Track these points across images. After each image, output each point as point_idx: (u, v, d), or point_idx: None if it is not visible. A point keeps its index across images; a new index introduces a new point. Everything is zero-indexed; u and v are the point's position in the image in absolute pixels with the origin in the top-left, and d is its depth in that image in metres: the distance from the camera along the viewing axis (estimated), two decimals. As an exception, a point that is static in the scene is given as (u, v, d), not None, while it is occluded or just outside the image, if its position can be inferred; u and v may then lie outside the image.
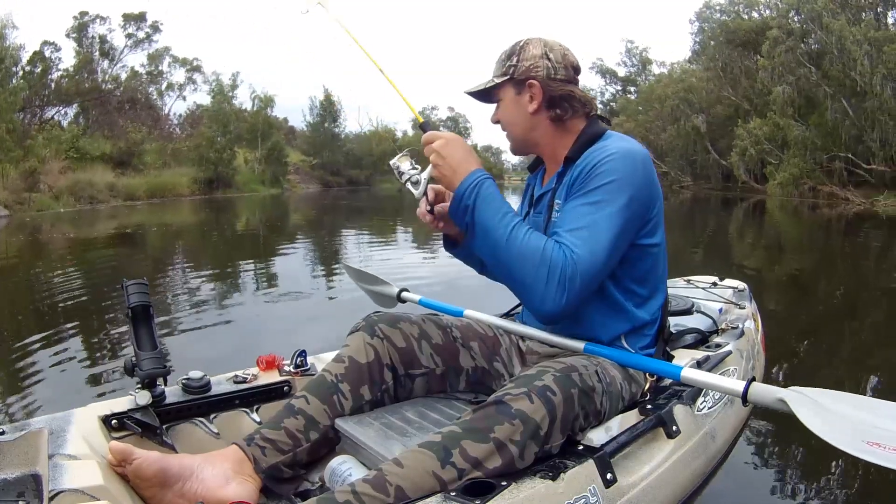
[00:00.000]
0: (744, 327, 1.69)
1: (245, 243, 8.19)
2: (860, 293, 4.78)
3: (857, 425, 0.81)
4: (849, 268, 6.29)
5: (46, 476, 0.80)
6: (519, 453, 0.90)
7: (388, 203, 19.33)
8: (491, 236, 1.05)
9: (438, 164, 1.11)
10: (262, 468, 1.08)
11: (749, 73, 23.98)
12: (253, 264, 6.14)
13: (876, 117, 17.12)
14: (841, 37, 17.50)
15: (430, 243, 7.56)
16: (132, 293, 1.20)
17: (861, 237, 9.65)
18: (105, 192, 15.36)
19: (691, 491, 1.17)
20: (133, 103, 22.78)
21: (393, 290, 1.75)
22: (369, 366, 1.19)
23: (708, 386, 1.04)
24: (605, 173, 1.05)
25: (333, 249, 7.64)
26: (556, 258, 0.99)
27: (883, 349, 2.99)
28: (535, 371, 0.99)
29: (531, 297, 1.02)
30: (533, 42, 1.18)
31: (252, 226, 11.33)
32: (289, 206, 17.42)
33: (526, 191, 1.36)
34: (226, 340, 3.15)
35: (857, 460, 0.77)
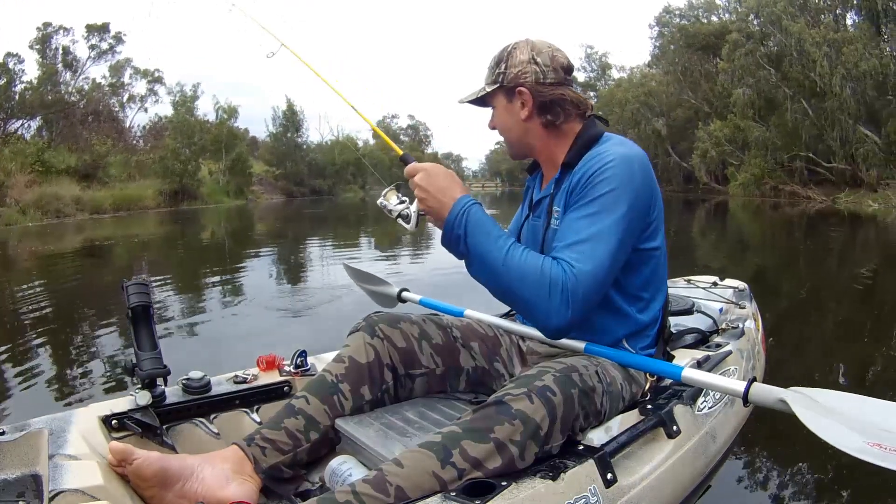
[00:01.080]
0: (744, 327, 1.69)
1: (230, 252, 8.11)
2: (829, 289, 4.80)
3: (857, 426, 0.81)
4: (819, 264, 6.35)
5: (46, 476, 0.80)
6: (519, 453, 0.89)
7: (351, 211, 19.61)
8: (487, 262, 1.03)
9: (423, 197, 1.09)
10: (263, 468, 1.08)
11: (709, 76, 24.35)
12: (240, 270, 6.14)
13: (836, 117, 17.38)
14: (800, 39, 17.82)
15: (396, 248, 7.60)
16: (132, 293, 1.20)
17: (834, 233, 9.79)
18: (71, 205, 15.04)
19: (691, 491, 1.17)
20: (96, 115, 22.51)
21: (393, 291, 1.75)
22: (369, 366, 1.19)
23: (709, 386, 1.04)
24: (602, 183, 1.04)
25: (327, 254, 7.65)
26: (555, 274, 0.98)
27: (883, 348, 2.99)
28: (536, 371, 0.99)
29: (535, 315, 1.01)
30: (520, 46, 1.16)
31: (232, 236, 11.18)
32: (256, 216, 17.20)
33: (526, 193, 1.35)
34: (226, 340, 3.15)
35: (857, 460, 0.77)
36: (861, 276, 5.43)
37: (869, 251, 7.71)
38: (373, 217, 14.88)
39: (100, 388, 2.41)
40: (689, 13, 26.29)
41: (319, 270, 5.97)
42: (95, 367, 2.73)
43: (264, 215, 17.66)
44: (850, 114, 17.04)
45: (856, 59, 16.43)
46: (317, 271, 5.99)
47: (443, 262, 5.24)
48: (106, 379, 2.53)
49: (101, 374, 2.60)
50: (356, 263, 5.23)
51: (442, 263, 5.33)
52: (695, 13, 26.18)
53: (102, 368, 2.70)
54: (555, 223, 1.16)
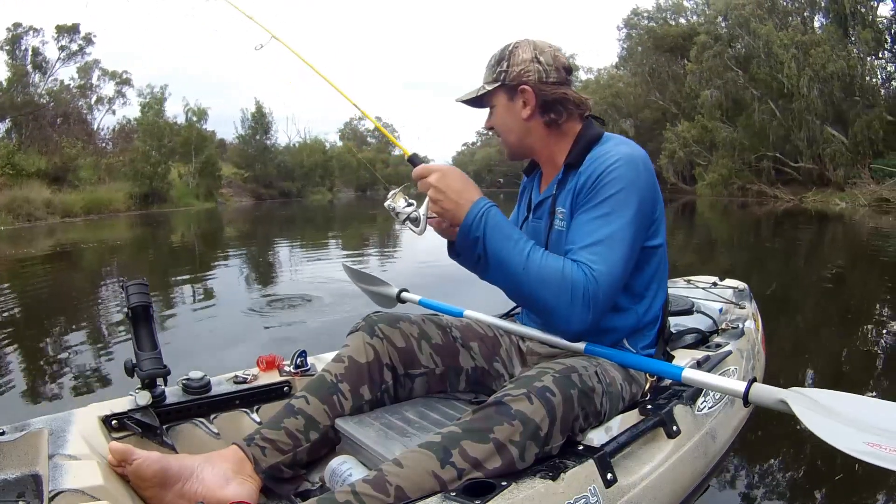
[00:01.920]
0: (744, 327, 1.69)
1: (215, 255, 8.02)
2: (799, 287, 4.85)
3: (856, 426, 0.81)
4: (788, 261, 6.46)
5: (46, 476, 0.80)
6: (519, 454, 0.89)
7: (320, 213, 19.72)
8: (507, 265, 1.02)
9: (438, 199, 1.06)
10: (262, 468, 1.08)
11: (676, 77, 24.52)
12: (231, 271, 6.15)
13: (803, 117, 17.64)
14: (768, 41, 18.03)
15: (387, 247, 7.59)
16: (132, 293, 1.21)
17: (804, 231, 9.98)
18: (42, 209, 14.87)
19: (691, 491, 1.17)
20: (66, 118, 22.12)
21: (392, 291, 1.75)
22: (369, 366, 1.19)
23: (709, 387, 1.04)
24: (611, 183, 1.04)
25: (316, 255, 7.64)
26: (577, 278, 0.97)
27: (883, 347, 2.99)
28: (535, 372, 0.99)
29: (556, 319, 1.00)
30: (522, 45, 1.16)
31: (212, 239, 11.01)
32: (229, 220, 17.02)
33: (522, 194, 1.35)
34: (226, 340, 3.15)
35: (857, 460, 0.77)
36: (831, 273, 5.58)
37: (838, 248, 7.92)
38: (342, 218, 14.96)
39: (80, 391, 2.39)
40: (658, 15, 26.50)
41: (311, 271, 5.95)
42: (67, 369, 2.71)
43: (237, 218, 17.52)
44: (818, 114, 17.31)
45: (823, 60, 16.70)
46: (308, 272, 5.97)
47: (440, 263, 5.23)
48: (80, 382, 2.51)
49: (73, 377, 2.58)
50: (352, 263, 5.20)
51: (439, 263, 5.32)
52: (663, 15, 26.41)
53: (80, 369, 2.68)
54: (559, 224, 1.16)
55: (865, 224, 10.86)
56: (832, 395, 0.88)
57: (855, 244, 8.34)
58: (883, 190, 14.65)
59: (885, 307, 4.04)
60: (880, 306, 4.08)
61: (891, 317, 3.72)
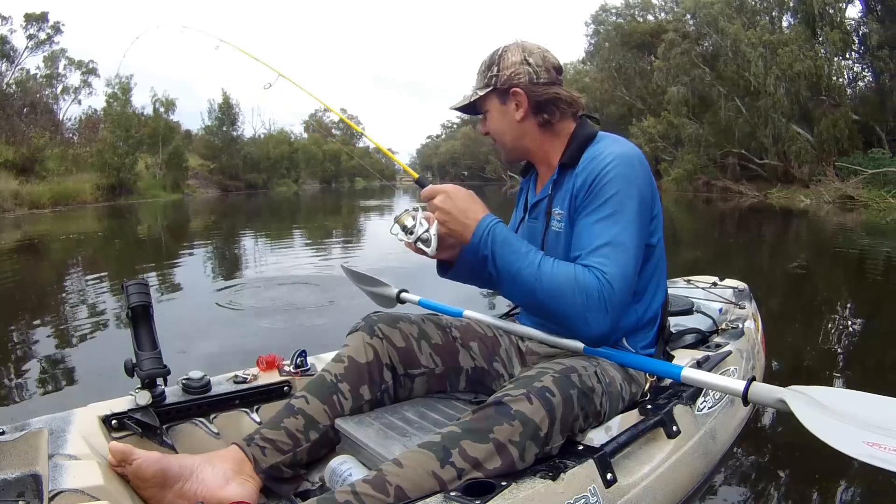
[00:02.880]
0: (744, 327, 1.69)
1: (206, 251, 7.88)
2: (765, 279, 4.88)
3: (856, 425, 0.81)
4: (754, 255, 6.57)
5: (46, 476, 0.80)
6: (519, 454, 0.90)
7: (287, 205, 19.69)
8: (519, 279, 1.02)
9: (445, 220, 1.08)
10: (262, 468, 1.08)
11: (643, 73, 24.68)
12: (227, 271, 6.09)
13: (769, 115, 17.79)
14: (736, 40, 18.18)
15: (375, 244, 7.61)
16: (132, 293, 1.21)
17: (770, 226, 10.22)
18: (10, 200, 14.55)
19: (691, 491, 1.17)
20: (33, 107, 21.92)
21: (392, 291, 1.75)
22: (369, 365, 1.19)
23: (708, 386, 1.04)
24: (610, 183, 1.05)
25: (306, 252, 7.61)
26: (591, 283, 0.97)
27: (884, 345, 2.99)
28: (535, 372, 0.99)
29: (574, 326, 1.00)
30: (511, 49, 1.17)
31: (189, 232, 10.75)
32: (196, 211, 16.72)
33: (519, 195, 1.35)
34: (225, 340, 3.15)
35: (858, 460, 0.77)
36: (797, 267, 5.77)
37: (803, 243, 8.10)
38: (308, 210, 14.91)
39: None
40: (626, 12, 26.69)
41: (333, 268, 5.93)
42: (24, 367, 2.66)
43: (206, 210, 17.19)
44: (784, 113, 17.47)
45: (791, 60, 16.85)
46: (332, 268, 5.95)
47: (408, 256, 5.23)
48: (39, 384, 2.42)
49: (35, 378, 2.48)
50: (326, 256, 5.11)
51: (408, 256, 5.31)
52: (631, 12, 26.59)
53: (33, 368, 2.61)
54: (557, 225, 1.16)
55: (830, 220, 11.00)
56: (831, 392, 0.88)
57: (820, 240, 8.50)
58: (847, 187, 14.83)
59: (850, 301, 4.16)
60: (845, 300, 4.20)
61: (855, 311, 3.82)
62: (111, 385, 1.15)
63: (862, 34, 17.66)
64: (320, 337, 2.94)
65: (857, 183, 14.81)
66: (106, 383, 1.17)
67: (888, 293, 4.46)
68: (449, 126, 60.10)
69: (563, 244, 1.12)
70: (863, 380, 2.44)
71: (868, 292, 4.55)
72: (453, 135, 57.73)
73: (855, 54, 18.44)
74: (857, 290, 4.67)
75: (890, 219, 11.03)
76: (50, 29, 22.84)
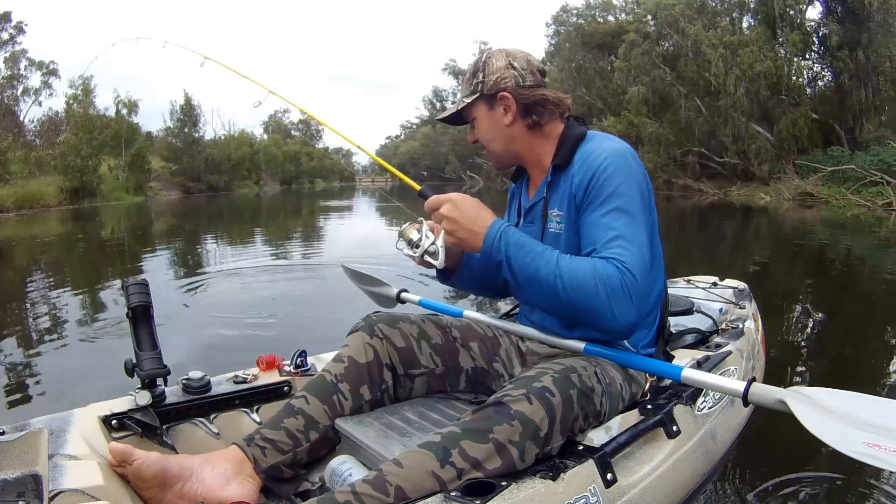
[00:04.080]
0: (744, 327, 1.69)
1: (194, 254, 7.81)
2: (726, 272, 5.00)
3: (856, 426, 0.81)
4: (714, 251, 6.71)
5: (46, 476, 0.80)
6: (519, 454, 0.90)
7: (251, 206, 19.81)
8: (538, 280, 1.00)
9: (453, 229, 1.06)
10: (262, 468, 1.08)
11: (603, 73, 24.90)
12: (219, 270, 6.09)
13: (729, 115, 18.10)
14: (697, 41, 18.46)
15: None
16: (132, 293, 1.20)
17: (731, 222, 10.47)
18: None
19: (691, 491, 1.17)
20: None
21: (392, 291, 1.75)
22: (369, 366, 1.19)
23: (708, 386, 1.04)
24: (610, 178, 1.05)
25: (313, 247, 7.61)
26: (612, 274, 0.95)
27: (884, 345, 2.99)
28: (535, 372, 0.99)
29: (601, 319, 0.98)
30: (494, 55, 1.17)
31: (163, 235, 10.49)
32: (162, 214, 16.41)
33: (511, 201, 1.35)
34: (226, 340, 3.15)
35: (858, 460, 0.77)
36: (756, 262, 5.95)
37: (765, 239, 8.39)
38: (269, 210, 14.84)
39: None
40: (587, 13, 27.00)
41: (333, 268, 5.92)
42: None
43: (171, 212, 16.94)
44: (744, 112, 17.77)
45: (751, 60, 17.11)
46: (332, 268, 5.93)
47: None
48: None
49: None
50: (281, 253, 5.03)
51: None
52: (592, 13, 26.90)
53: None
54: (555, 227, 1.15)
55: (791, 217, 11.29)
56: (831, 393, 0.88)
57: (780, 236, 8.71)
58: (807, 185, 15.09)
59: (810, 296, 4.36)
60: (803, 296, 4.38)
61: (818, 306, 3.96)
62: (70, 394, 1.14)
63: (822, 35, 17.96)
64: (319, 336, 2.94)
65: (816, 180, 15.05)
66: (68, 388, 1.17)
67: (850, 287, 4.66)
68: (408, 126, 59.98)
69: (563, 245, 1.11)
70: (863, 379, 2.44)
71: (831, 285, 4.75)
72: (412, 135, 57.30)
73: (815, 55, 18.80)
74: (822, 284, 4.85)
75: (850, 214, 11.40)
76: (13, 29, 22.37)
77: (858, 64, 16.37)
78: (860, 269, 5.74)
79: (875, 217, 11.06)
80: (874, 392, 0.89)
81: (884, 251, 7.04)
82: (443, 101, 48.90)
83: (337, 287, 4.24)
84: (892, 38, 16.21)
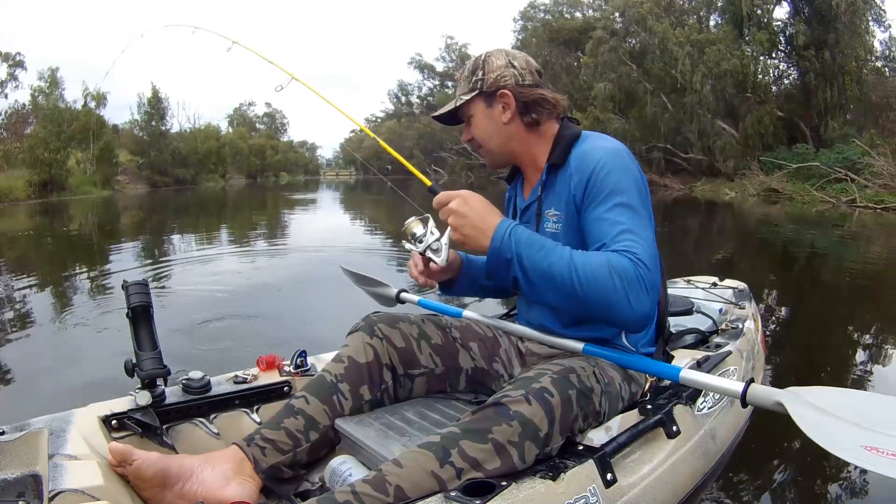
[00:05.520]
0: (744, 327, 1.69)
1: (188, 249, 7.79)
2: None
3: (856, 427, 0.80)
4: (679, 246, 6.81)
5: (46, 476, 0.80)
6: (518, 455, 0.90)
7: (217, 198, 19.87)
8: (552, 275, 0.98)
9: (460, 225, 1.03)
10: (262, 468, 1.08)
11: (570, 69, 25.24)
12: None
13: (695, 111, 18.45)
14: (664, 38, 18.72)
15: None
16: (132, 293, 1.21)
17: (696, 218, 10.74)
18: None
19: (691, 491, 1.17)
20: None
21: (391, 292, 1.76)
22: (368, 366, 1.19)
23: (707, 387, 1.04)
24: (608, 175, 1.05)
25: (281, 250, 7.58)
26: (626, 265, 0.94)
27: (884, 343, 2.99)
28: (534, 373, 0.99)
29: (619, 312, 0.95)
30: (494, 54, 1.18)
31: (142, 230, 10.29)
32: (131, 207, 16.13)
33: (508, 204, 1.35)
34: (225, 339, 3.15)
35: (857, 464, 0.76)
36: (717, 257, 6.17)
37: (729, 233, 8.64)
38: (234, 204, 14.98)
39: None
40: (554, 9, 27.25)
41: (334, 268, 5.90)
42: None
43: (140, 206, 16.69)
44: (709, 109, 18.09)
45: (717, 58, 17.38)
46: (333, 268, 5.90)
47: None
48: None
49: None
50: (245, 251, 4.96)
51: None
52: (559, 9, 27.15)
53: None
54: (552, 226, 1.15)
55: (756, 212, 11.54)
56: (830, 392, 0.88)
57: (744, 230, 8.92)
58: (772, 181, 15.31)
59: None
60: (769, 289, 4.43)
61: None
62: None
63: (789, 35, 18.26)
64: (319, 336, 2.94)
65: (781, 177, 15.28)
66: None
67: (817, 280, 4.86)
68: (373, 120, 59.61)
69: (562, 244, 1.11)
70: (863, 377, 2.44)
71: (796, 277, 4.95)
72: (377, 129, 57.48)
73: (781, 53, 19.18)
74: (786, 277, 5.03)
75: (815, 210, 11.73)
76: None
77: (825, 63, 16.73)
78: (827, 262, 5.91)
79: (839, 213, 11.37)
80: (875, 389, 0.89)
81: (850, 245, 7.28)
82: (408, 94, 48.82)
83: (337, 287, 4.24)
84: (858, 38, 16.66)
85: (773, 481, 1.60)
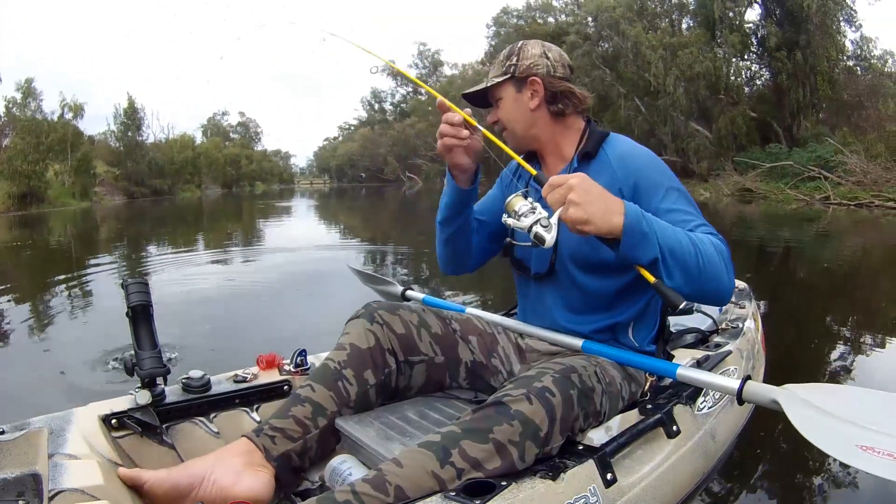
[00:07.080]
0: (744, 327, 1.69)
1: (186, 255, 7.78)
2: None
3: (851, 425, 0.80)
4: None
5: (46, 476, 0.80)
6: (519, 455, 0.90)
7: (194, 208, 19.84)
8: (681, 252, 0.97)
9: (586, 202, 0.93)
10: (273, 456, 1.06)
11: None
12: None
13: (668, 114, 18.64)
14: (637, 42, 18.87)
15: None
16: (132, 292, 1.20)
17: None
18: None
19: (691, 490, 1.17)
20: None
21: (397, 289, 1.77)
22: (371, 351, 1.18)
23: (703, 384, 1.05)
24: (661, 173, 1.14)
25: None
26: (722, 245, 1.02)
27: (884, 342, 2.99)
28: (535, 372, 0.99)
29: (723, 286, 1.01)
30: (530, 43, 1.22)
31: (132, 241, 9.94)
32: (111, 219, 16.00)
33: (506, 184, 1.35)
34: (225, 339, 3.15)
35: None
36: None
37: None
38: (215, 214, 15.10)
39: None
40: (527, 14, 27.34)
41: (337, 268, 5.90)
42: None
43: (119, 217, 16.58)
44: (682, 111, 18.26)
45: (690, 61, 17.52)
46: (335, 268, 5.91)
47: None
48: None
49: None
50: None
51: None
52: (532, 14, 27.26)
53: None
54: None
55: (732, 211, 11.75)
56: (827, 389, 0.88)
57: (720, 230, 8.84)
58: (746, 181, 15.43)
59: None
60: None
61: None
62: None
63: (761, 36, 18.38)
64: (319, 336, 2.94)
65: (755, 176, 15.40)
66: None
67: (791, 276, 4.91)
68: (346, 128, 59.56)
69: None
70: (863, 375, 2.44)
71: (773, 275, 4.92)
72: (351, 136, 56.78)
73: (753, 55, 19.29)
74: (765, 274, 4.95)
75: (790, 208, 11.96)
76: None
77: (796, 64, 16.85)
78: (801, 258, 5.94)
79: (813, 210, 11.53)
80: (874, 386, 0.88)
81: (823, 242, 7.44)
82: (381, 101, 49.01)
83: (337, 287, 4.25)
84: (829, 38, 16.80)
85: (774, 481, 1.60)
